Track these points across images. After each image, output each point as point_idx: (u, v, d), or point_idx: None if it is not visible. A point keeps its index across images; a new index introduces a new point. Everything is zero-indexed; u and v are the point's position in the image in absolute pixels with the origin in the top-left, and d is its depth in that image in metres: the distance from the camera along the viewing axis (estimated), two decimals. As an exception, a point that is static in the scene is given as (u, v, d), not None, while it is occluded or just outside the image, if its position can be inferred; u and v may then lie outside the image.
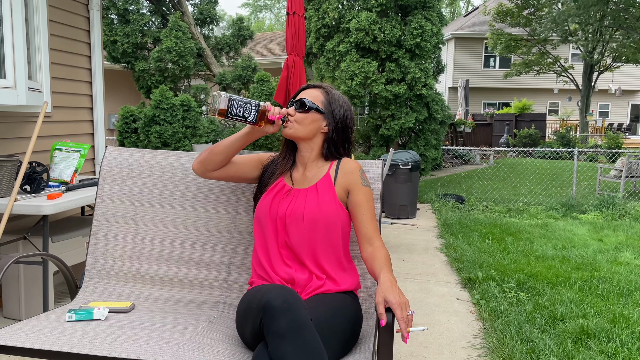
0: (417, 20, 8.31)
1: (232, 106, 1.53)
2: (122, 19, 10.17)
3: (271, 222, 1.67)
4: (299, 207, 1.64)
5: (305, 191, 1.68)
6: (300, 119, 1.69)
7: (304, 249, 1.63)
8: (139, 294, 1.83)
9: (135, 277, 1.86)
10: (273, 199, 1.69)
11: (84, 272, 1.87)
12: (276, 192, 1.70)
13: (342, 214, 1.66)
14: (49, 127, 3.63)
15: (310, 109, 1.70)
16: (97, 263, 1.88)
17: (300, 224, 1.63)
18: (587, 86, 19.05)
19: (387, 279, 1.43)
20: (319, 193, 1.66)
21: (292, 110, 1.70)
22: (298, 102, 1.71)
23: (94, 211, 1.91)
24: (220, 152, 1.67)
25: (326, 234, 1.63)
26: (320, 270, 1.64)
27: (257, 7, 47.43)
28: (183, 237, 1.87)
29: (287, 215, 1.64)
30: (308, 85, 1.78)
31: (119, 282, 1.86)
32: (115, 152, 1.97)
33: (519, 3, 18.20)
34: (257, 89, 9.33)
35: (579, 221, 6.79)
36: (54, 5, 3.65)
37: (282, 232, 1.65)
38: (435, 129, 9.04)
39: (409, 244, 5.32)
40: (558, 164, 13.22)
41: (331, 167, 1.73)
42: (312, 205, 1.64)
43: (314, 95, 1.74)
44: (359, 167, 1.73)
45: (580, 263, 4.55)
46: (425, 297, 3.69)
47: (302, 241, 1.63)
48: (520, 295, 3.60)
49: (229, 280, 1.84)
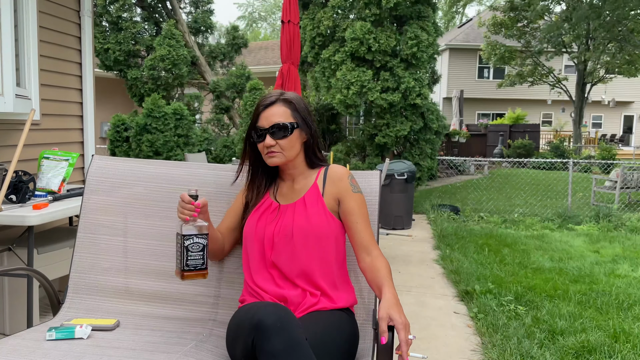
0: (412, 30, 8.30)
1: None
2: (114, 26, 10.11)
3: (257, 243, 1.58)
4: (287, 225, 1.55)
5: (293, 206, 1.60)
6: (285, 144, 1.56)
7: (294, 268, 1.55)
8: (124, 310, 1.74)
9: (120, 293, 1.77)
10: (259, 219, 1.61)
11: (67, 287, 1.79)
12: (263, 211, 1.62)
13: (333, 225, 1.58)
14: (37, 135, 3.55)
15: (292, 129, 1.57)
16: (80, 277, 1.79)
17: (289, 241, 1.54)
18: (580, 97, 19.14)
19: (392, 295, 1.37)
20: (307, 206, 1.58)
21: (271, 140, 1.55)
22: (275, 128, 1.54)
23: (70, 229, 1.83)
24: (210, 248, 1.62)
25: (318, 249, 1.55)
26: (314, 287, 1.55)
27: (253, 18, 47.55)
28: (172, 250, 1.79)
29: (274, 234, 1.56)
30: (266, 105, 1.58)
31: (104, 298, 1.77)
32: (102, 161, 1.89)
33: (512, 15, 18.30)
34: (250, 98, 9.27)
35: (575, 232, 6.74)
36: (45, 11, 3.58)
37: (269, 253, 1.57)
38: (430, 139, 9.00)
39: (405, 256, 5.24)
40: (552, 174, 13.22)
41: (318, 176, 1.63)
42: (300, 220, 1.55)
43: (281, 112, 1.57)
44: (348, 173, 1.64)
45: (577, 275, 4.49)
46: (421, 310, 3.61)
47: (293, 259, 1.55)
48: (519, 309, 3.53)
49: (219, 296, 1.75)
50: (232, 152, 9.59)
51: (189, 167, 1.88)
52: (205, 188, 1.82)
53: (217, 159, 9.54)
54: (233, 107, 11.09)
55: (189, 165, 1.89)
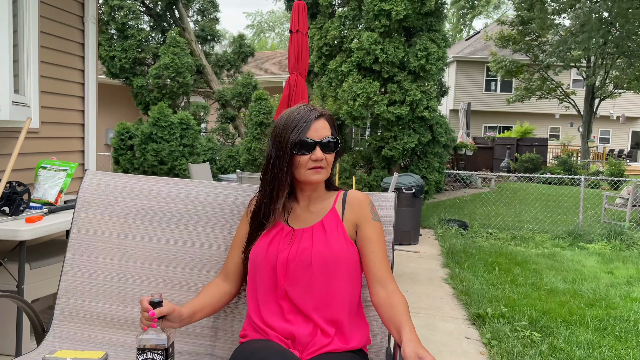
0: (422, 42, 8.18)
1: None
2: (121, 34, 10.05)
3: (268, 271, 1.41)
4: (305, 250, 1.39)
5: (310, 230, 1.43)
6: (330, 160, 1.46)
7: (311, 300, 1.38)
8: (114, 341, 1.60)
9: (110, 321, 1.62)
10: (270, 244, 1.43)
11: (53, 313, 1.64)
12: (273, 236, 1.45)
13: (354, 252, 1.43)
14: (35, 144, 3.42)
15: (337, 146, 1.46)
16: (67, 303, 1.64)
17: (307, 269, 1.37)
18: (588, 112, 18.96)
19: (415, 336, 1.23)
20: (326, 230, 1.42)
21: (321, 153, 1.41)
22: (326, 141, 1.42)
23: (67, 243, 1.69)
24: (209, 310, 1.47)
25: (337, 278, 1.39)
26: (330, 324, 1.38)
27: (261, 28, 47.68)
28: (167, 275, 1.64)
29: (289, 260, 1.39)
30: (315, 117, 1.44)
31: (92, 327, 1.62)
32: (95, 176, 1.76)
33: (520, 29, 18.19)
34: (255, 108, 9.17)
35: (587, 251, 6.55)
36: (47, 16, 3.47)
37: (282, 282, 1.39)
38: (438, 152, 8.86)
39: (412, 273, 5.08)
40: (561, 189, 13.01)
41: (336, 200, 1.49)
42: (320, 246, 1.39)
43: (328, 127, 1.46)
44: (369, 200, 1.50)
45: (593, 299, 4.31)
46: (431, 334, 3.45)
47: (309, 290, 1.38)
48: (534, 336, 3.36)
49: (217, 328, 1.60)
50: (236, 162, 9.47)
51: (188, 185, 1.74)
52: (203, 208, 1.68)
53: (221, 170, 9.42)
54: (238, 117, 10.99)
55: (188, 182, 1.75)
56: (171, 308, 1.30)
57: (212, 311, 1.47)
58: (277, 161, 1.43)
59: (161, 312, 1.27)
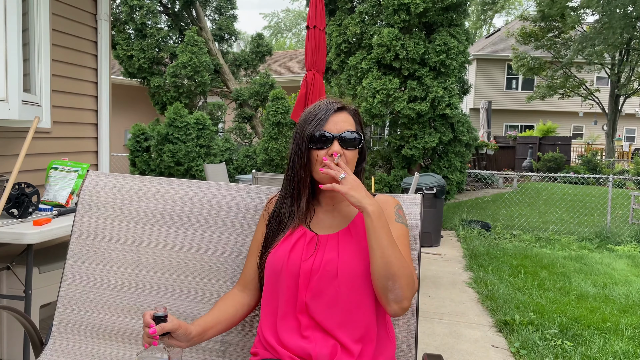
0: (441, 37, 7.99)
1: None
2: (139, 33, 10.03)
3: (290, 279, 1.25)
4: (331, 260, 1.24)
5: (336, 237, 1.29)
6: (350, 157, 1.30)
7: (335, 315, 1.22)
8: (116, 355, 1.48)
9: (112, 334, 1.50)
10: (293, 248, 1.28)
11: (52, 324, 1.53)
12: (295, 241, 1.29)
13: None
14: (47, 144, 3.35)
15: (360, 142, 1.32)
16: (67, 314, 1.53)
17: (332, 281, 1.22)
18: (613, 110, 18.47)
19: None
20: (353, 237, 1.28)
21: (339, 148, 1.27)
22: (346, 135, 1.28)
23: (68, 249, 1.57)
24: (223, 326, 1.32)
25: (367, 291, 1.24)
26: (354, 342, 1.22)
27: (278, 28, 47.70)
28: (174, 284, 1.52)
29: (313, 272, 1.24)
30: (335, 109, 1.31)
31: (93, 340, 1.50)
32: (97, 178, 1.64)
33: (542, 26, 17.79)
34: (273, 107, 9.07)
35: (616, 254, 6.30)
36: (58, 14, 3.39)
37: (303, 294, 1.24)
38: (460, 151, 8.64)
39: (434, 277, 4.90)
40: (585, 189, 12.66)
41: None
42: (347, 254, 1.25)
43: (350, 121, 1.32)
44: (396, 202, 1.36)
45: (626, 305, 4.09)
46: (455, 342, 3.28)
47: (334, 304, 1.22)
48: (566, 345, 3.17)
49: (227, 342, 1.47)
50: (253, 162, 9.37)
51: (198, 186, 1.61)
52: (213, 212, 1.55)
53: (238, 170, 9.33)
54: (256, 116, 10.90)
55: (199, 184, 1.62)
56: (176, 325, 1.14)
57: (228, 326, 1.33)
58: (296, 157, 1.30)
59: (163, 328, 1.12)
